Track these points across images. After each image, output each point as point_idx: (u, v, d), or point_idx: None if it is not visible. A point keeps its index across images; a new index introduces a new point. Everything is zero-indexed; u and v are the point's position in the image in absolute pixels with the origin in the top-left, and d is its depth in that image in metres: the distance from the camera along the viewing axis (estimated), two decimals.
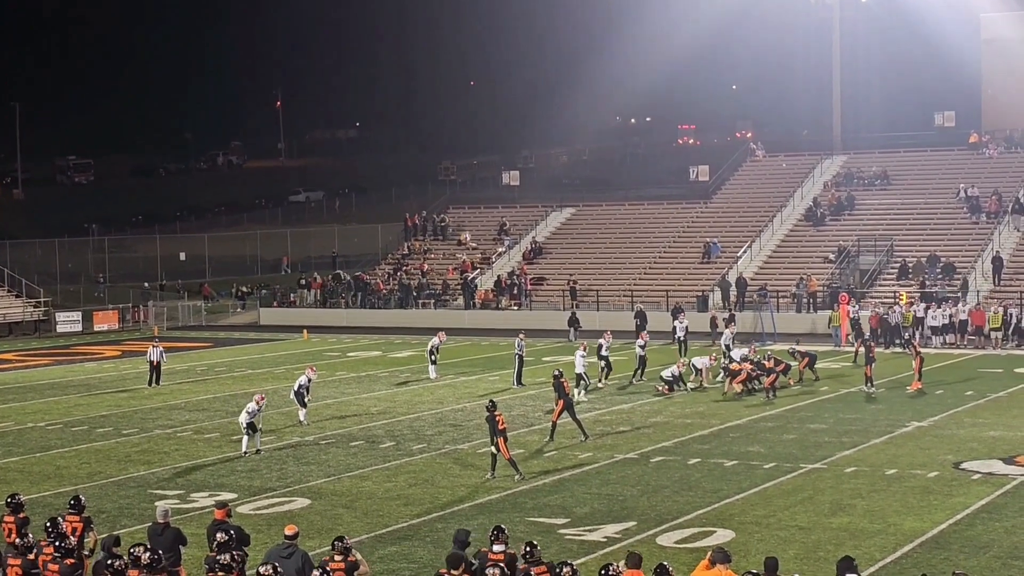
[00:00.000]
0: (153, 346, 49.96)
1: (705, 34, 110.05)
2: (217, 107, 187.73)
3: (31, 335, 71.61)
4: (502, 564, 16.78)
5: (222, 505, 20.19)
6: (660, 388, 42.81)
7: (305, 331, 67.35)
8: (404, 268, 77.81)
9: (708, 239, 71.78)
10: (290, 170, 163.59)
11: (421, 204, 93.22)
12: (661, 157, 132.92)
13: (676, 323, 54.42)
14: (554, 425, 35.10)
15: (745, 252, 70.09)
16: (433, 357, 47.19)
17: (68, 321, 73.76)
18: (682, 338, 53.49)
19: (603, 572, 15.98)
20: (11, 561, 18.08)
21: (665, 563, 16.41)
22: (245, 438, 33.83)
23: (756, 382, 42.45)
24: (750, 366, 42.92)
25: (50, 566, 17.69)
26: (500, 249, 78.18)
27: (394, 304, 73.70)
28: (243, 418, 33.74)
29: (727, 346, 47.70)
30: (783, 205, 74.32)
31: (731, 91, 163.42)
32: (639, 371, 45.88)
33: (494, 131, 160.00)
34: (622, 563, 16.80)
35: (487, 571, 16.28)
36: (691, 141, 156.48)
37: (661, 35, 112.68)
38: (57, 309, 76.29)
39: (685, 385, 43.20)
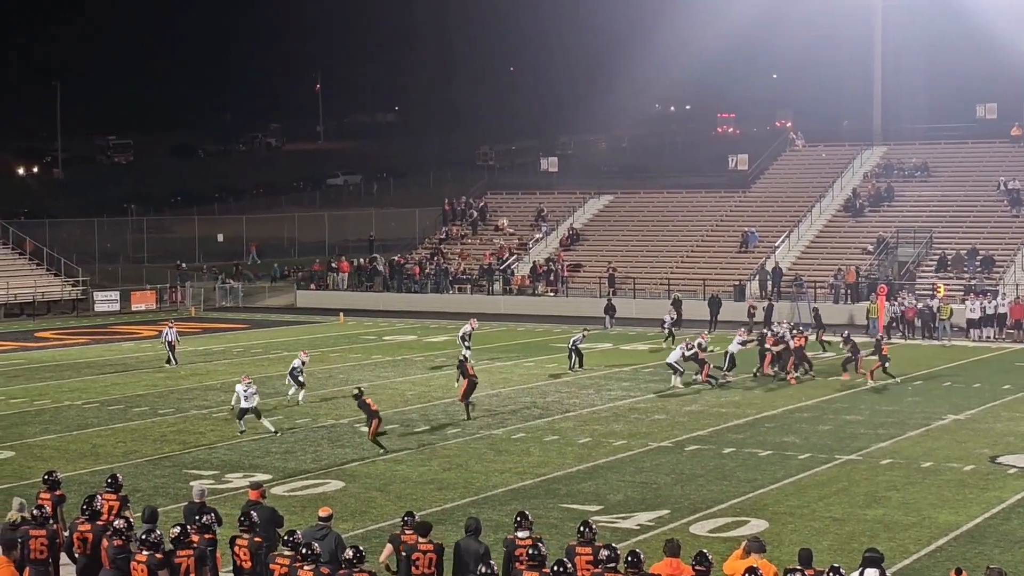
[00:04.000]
0: (168, 327, 50.43)
1: (746, 22, 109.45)
2: (257, 89, 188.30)
3: (69, 314, 71.95)
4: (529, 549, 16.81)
5: (256, 486, 20.24)
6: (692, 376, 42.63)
7: (341, 314, 67.44)
8: (441, 253, 77.80)
9: (746, 228, 71.57)
10: (329, 153, 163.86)
11: (459, 189, 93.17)
12: (700, 145, 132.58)
13: (667, 316, 54.52)
14: (464, 404, 36.43)
15: (783, 242, 69.86)
16: (466, 343, 47.02)
17: (106, 300, 74.08)
18: (670, 327, 53.93)
19: (630, 559, 15.97)
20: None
21: (704, 551, 16.39)
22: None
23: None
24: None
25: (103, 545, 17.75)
26: (537, 235, 78.11)
27: (430, 289, 73.74)
28: (236, 401, 34.48)
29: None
30: (822, 195, 74.03)
31: (771, 80, 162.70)
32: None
33: (533, 117, 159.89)
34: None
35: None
36: (730, 130, 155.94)
37: (702, 23, 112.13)
38: (95, 288, 76.65)
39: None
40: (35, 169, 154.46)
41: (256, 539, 17.84)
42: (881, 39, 79.05)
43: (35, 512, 18.89)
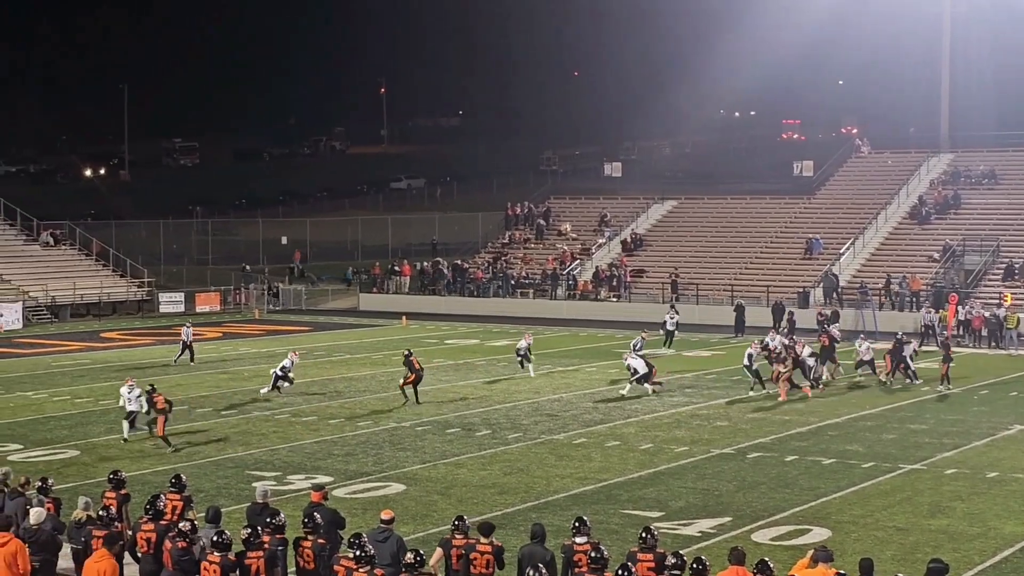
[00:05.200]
0: (186, 327, 51.52)
1: (812, 28, 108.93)
2: (321, 93, 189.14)
3: (134, 315, 72.46)
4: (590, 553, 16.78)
5: (319, 488, 20.29)
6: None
7: (404, 317, 67.60)
8: (504, 257, 77.84)
9: (811, 235, 71.17)
10: (392, 157, 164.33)
11: (522, 194, 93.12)
12: (765, 151, 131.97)
13: (667, 316, 54.19)
14: (403, 389, 39.66)
15: (848, 249, 69.43)
16: (528, 355, 45.72)
17: (171, 302, 74.58)
18: (672, 329, 53.63)
19: (695, 566, 15.90)
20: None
21: (766, 559, 16.29)
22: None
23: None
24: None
25: (166, 546, 17.83)
26: (600, 240, 78.00)
27: (493, 293, 73.79)
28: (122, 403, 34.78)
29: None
30: (888, 202, 73.49)
31: (837, 86, 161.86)
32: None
33: (597, 122, 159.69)
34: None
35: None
36: (795, 136, 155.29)
37: (768, 29, 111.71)
38: (160, 290, 77.17)
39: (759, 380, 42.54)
40: (102, 171, 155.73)
41: (320, 541, 17.91)
42: (949, 45, 78.39)
43: (101, 513, 19.02)
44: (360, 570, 16.32)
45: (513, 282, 73.83)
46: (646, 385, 41.28)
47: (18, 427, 35.39)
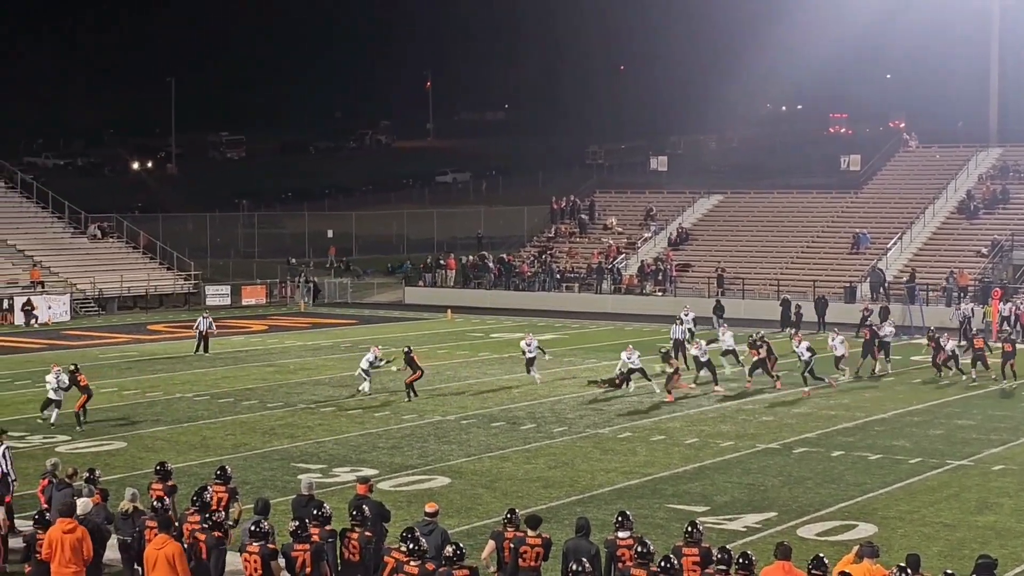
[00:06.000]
0: (203, 317, 51.96)
1: (860, 22, 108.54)
2: (367, 87, 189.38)
3: (181, 307, 72.77)
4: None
5: (364, 480, 20.32)
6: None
7: (449, 311, 67.66)
8: (549, 251, 77.81)
9: (857, 230, 70.84)
10: (438, 150, 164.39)
11: (568, 187, 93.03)
12: (812, 146, 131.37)
13: (683, 315, 53.90)
14: (408, 387, 39.42)
15: (895, 244, 69.08)
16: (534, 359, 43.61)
17: (217, 294, 74.86)
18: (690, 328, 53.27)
19: (742, 561, 15.86)
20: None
21: (821, 555, 16.24)
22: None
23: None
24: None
25: (197, 535, 17.96)
26: (646, 235, 77.89)
27: (539, 287, 73.78)
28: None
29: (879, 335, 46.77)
30: (936, 197, 73.05)
31: (885, 80, 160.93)
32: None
33: (643, 116, 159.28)
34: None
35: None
36: (843, 130, 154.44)
37: (815, 22, 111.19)
38: (207, 282, 77.48)
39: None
40: (149, 164, 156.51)
41: (367, 533, 17.97)
42: (998, 38, 77.84)
43: (155, 504, 19.11)
44: (411, 563, 16.35)
45: (559, 276, 73.79)
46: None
47: (65, 419, 35.58)
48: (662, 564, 15.82)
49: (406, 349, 40.43)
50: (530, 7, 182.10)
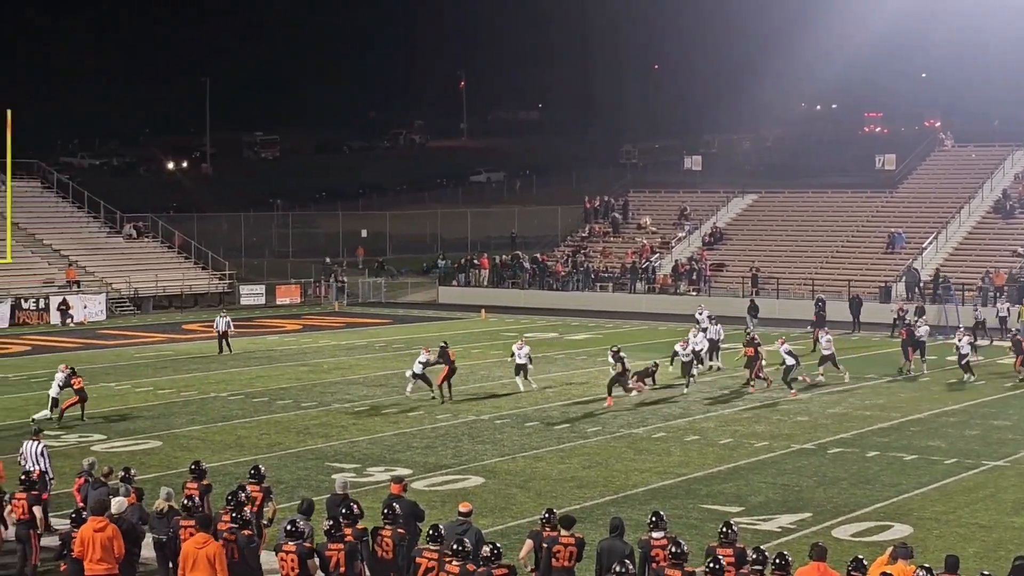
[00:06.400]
0: (220, 316, 52.21)
1: (894, 20, 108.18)
2: (401, 86, 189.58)
3: (216, 307, 72.87)
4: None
5: (398, 480, 20.33)
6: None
7: (483, 310, 67.68)
8: (583, 251, 77.76)
9: (893, 229, 70.57)
10: (472, 150, 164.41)
11: (601, 187, 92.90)
12: (846, 145, 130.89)
13: (698, 314, 53.67)
14: (439, 388, 39.04)
15: (931, 244, 68.78)
16: (528, 366, 41.85)
17: (252, 294, 75.11)
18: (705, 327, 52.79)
19: (778, 561, 15.82)
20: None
21: (860, 556, 16.19)
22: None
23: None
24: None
25: (227, 536, 18.01)
26: (680, 234, 77.77)
27: (572, 286, 73.75)
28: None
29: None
30: (971, 196, 72.70)
31: (920, 79, 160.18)
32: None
33: (676, 115, 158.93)
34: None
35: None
36: (877, 129, 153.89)
37: (850, 21, 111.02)
38: (241, 282, 77.70)
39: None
40: (184, 164, 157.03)
41: (399, 531, 18.00)
42: None
43: (185, 502, 19.18)
44: (453, 562, 16.35)
45: (592, 276, 73.74)
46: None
47: (101, 418, 35.75)
48: (710, 565, 15.80)
49: (443, 344, 40.47)
50: (564, 6, 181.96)
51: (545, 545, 17.62)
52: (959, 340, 44.07)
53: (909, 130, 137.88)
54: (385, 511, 18.30)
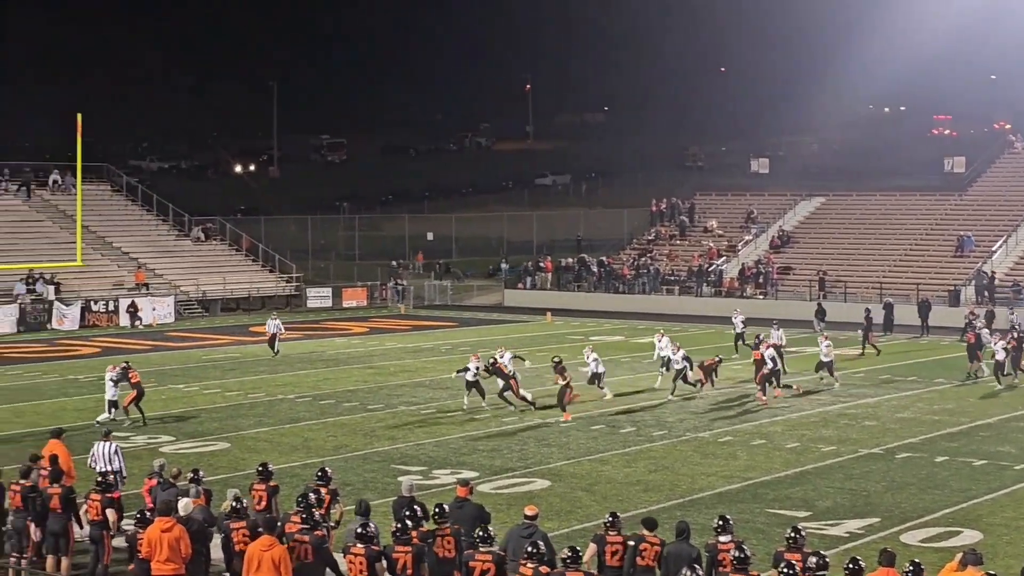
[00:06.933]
0: (272, 319, 52.66)
1: (963, 22, 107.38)
2: (467, 89, 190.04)
3: (283, 309, 73.23)
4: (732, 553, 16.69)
5: (464, 483, 20.35)
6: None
7: (548, 313, 67.67)
8: (649, 253, 77.61)
9: (962, 232, 70.00)
10: (537, 153, 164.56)
11: (667, 190, 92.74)
12: (915, 147, 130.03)
13: (733, 317, 53.34)
14: (523, 399, 37.47)
15: (1000, 247, 68.18)
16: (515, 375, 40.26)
17: (318, 297, 75.45)
18: (740, 332, 52.33)
19: (850, 565, 15.73)
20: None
21: (917, 560, 16.08)
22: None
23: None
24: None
25: (297, 537, 18.09)
26: (747, 237, 77.49)
27: (639, 289, 73.61)
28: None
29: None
30: None
31: (990, 81, 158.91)
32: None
33: (743, 118, 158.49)
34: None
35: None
36: (946, 131, 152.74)
37: (917, 23, 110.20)
38: (308, 285, 78.04)
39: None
40: (252, 167, 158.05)
41: (457, 527, 18.14)
42: None
43: (233, 504, 19.28)
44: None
45: (659, 279, 73.59)
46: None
47: (170, 419, 36.04)
48: (783, 570, 15.74)
49: (492, 360, 38.53)
50: (630, 9, 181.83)
51: (632, 543, 17.66)
52: (994, 345, 43.72)
53: (978, 132, 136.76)
54: (436, 510, 18.37)
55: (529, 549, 16.54)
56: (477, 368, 37.84)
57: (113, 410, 34.96)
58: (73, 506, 20.85)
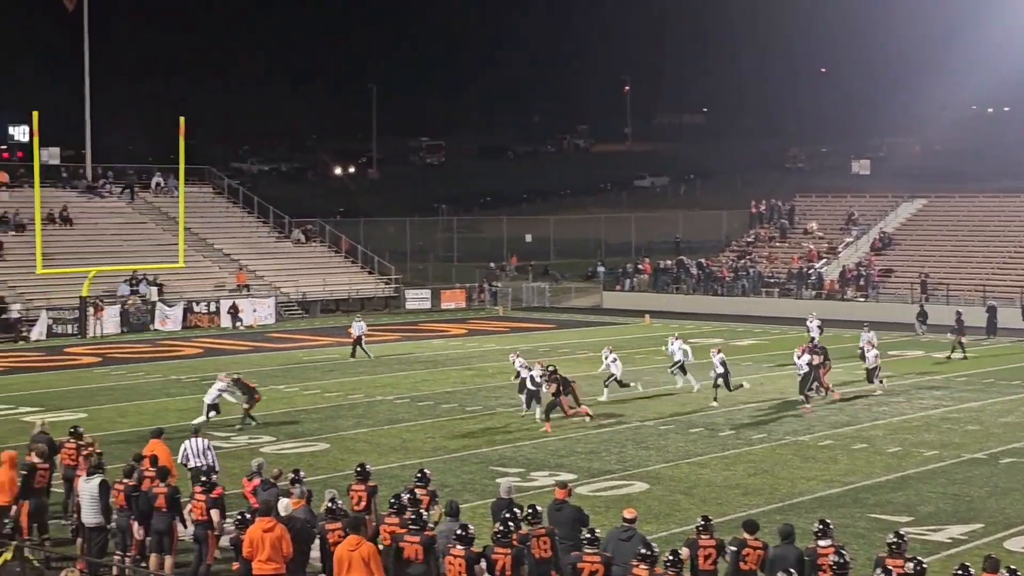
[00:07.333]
0: (356, 321, 52.99)
1: None
2: (565, 90, 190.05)
3: (381, 311, 73.71)
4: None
5: (563, 485, 20.33)
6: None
7: (647, 315, 67.48)
8: (749, 256, 77.19)
9: None
10: (636, 154, 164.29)
11: (767, 191, 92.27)
12: (1019, 148, 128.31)
13: (809, 321, 52.50)
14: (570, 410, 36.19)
15: None
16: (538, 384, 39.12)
17: (417, 298, 75.74)
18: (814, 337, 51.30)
19: (959, 572, 15.53)
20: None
21: (1012, 566, 15.84)
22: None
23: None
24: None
25: (408, 538, 18.14)
26: (847, 239, 76.83)
27: (738, 292, 73.22)
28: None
29: None
30: None
31: None
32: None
33: (844, 119, 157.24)
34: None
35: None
36: None
37: (1022, 22, 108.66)
38: (407, 286, 78.39)
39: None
40: (351, 169, 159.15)
41: (551, 527, 18.14)
42: None
43: (329, 504, 19.36)
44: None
45: (759, 281, 73.15)
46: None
47: (271, 420, 36.32)
48: (957, 572, 15.61)
49: (551, 369, 37.17)
50: (729, 9, 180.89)
51: (735, 548, 17.61)
52: None
53: None
54: (529, 511, 18.37)
55: (642, 551, 16.50)
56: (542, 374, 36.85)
57: (212, 414, 35.16)
58: (178, 505, 21.07)
